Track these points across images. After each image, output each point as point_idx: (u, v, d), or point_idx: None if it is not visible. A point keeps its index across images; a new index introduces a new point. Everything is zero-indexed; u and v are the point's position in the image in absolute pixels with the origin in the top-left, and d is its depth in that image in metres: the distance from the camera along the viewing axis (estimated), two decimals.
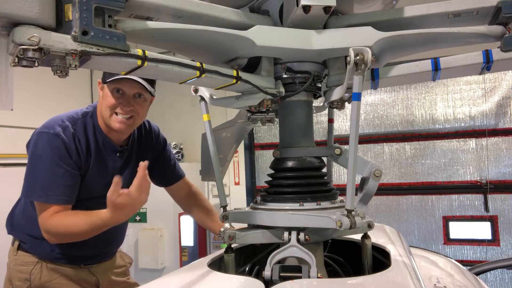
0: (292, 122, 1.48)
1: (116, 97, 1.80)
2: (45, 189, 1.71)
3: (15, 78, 4.63)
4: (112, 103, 1.80)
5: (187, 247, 5.54)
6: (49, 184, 1.71)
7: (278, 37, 1.25)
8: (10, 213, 2.03)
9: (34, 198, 1.76)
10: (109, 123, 1.83)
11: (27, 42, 0.87)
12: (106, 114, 1.82)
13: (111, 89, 1.80)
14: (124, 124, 1.83)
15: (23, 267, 1.89)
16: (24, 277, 1.87)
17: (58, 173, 1.73)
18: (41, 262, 1.89)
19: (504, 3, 1.19)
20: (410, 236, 5.23)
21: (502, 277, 4.89)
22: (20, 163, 3.99)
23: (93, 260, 2.00)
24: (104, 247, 2.04)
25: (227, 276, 1.37)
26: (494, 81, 5.03)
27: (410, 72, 1.29)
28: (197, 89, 1.56)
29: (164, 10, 1.13)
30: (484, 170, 5.03)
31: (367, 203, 1.39)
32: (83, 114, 1.88)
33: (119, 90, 1.80)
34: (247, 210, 1.48)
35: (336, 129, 5.40)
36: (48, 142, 1.73)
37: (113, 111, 1.81)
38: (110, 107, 1.80)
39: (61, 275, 1.90)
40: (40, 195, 1.72)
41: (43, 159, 1.73)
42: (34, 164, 1.76)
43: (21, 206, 1.96)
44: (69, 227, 1.71)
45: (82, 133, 1.82)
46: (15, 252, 1.93)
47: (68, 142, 1.76)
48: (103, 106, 1.83)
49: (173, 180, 2.20)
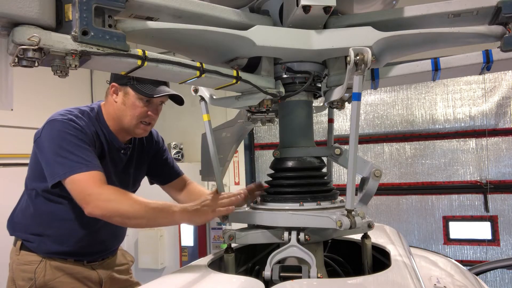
0: (292, 122, 1.48)
1: (145, 105, 1.83)
2: (83, 160, 1.63)
3: (15, 78, 4.63)
4: (141, 112, 1.83)
5: (187, 247, 5.54)
6: (85, 155, 1.65)
7: (278, 37, 1.25)
8: (10, 216, 2.02)
9: (75, 171, 1.61)
10: (132, 130, 1.87)
11: (27, 42, 0.87)
12: (132, 121, 1.84)
13: (140, 97, 1.81)
14: (146, 130, 1.90)
15: (26, 266, 1.88)
16: (28, 276, 1.87)
17: (86, 147, 1.68)
18: (45, 260, 1.88)
19: (504, 3, 1.19)
20: (410, 236, 5.23)
21: (502, 277, 4.89)
22: (20, 163, 3.99)
23: (96, 257, 2.00)
24: (107, 242, 2.04)
25: (227, 276, 1.37)
26: (494, 81, 5.03)
27: (410, 72, 1.29)
28: (197, 89, 1.56)
29: (164, 10, 1.13)
30: (484, 170, 5.03)
31: (367, 203, 1.39)
32: (90, 109, 1.90)
33: (149, 99, 1.82)
34: (247, 210, 1.48)
35: (336, 129, 5.40)
36: (64, 127, 1.70)
37: (140, 119, 1.84)
38: (138, 116, 1.83)
39: (65, 273, 1.90)
40: (81, 166, 1.61)
41: (67, 138, 1.67)
42: (60, 145, 1.66)
43: (22, 206, 1.96)
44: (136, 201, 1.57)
45: (90, 125, 1.83)
46: (18, 252, 1.93)
47: (82, 126, 1.74)
48: (129, 114, 1.83)
49: (172, 177, 2.21)
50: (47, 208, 1.86)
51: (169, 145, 5.81)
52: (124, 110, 1.84)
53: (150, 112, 1.85)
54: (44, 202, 1.86)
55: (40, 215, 1.88)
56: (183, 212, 1.54)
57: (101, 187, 1.62)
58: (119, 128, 1.89)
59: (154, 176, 2.21)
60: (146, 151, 2.10)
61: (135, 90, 1.80)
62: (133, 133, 1.90)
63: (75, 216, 1.84)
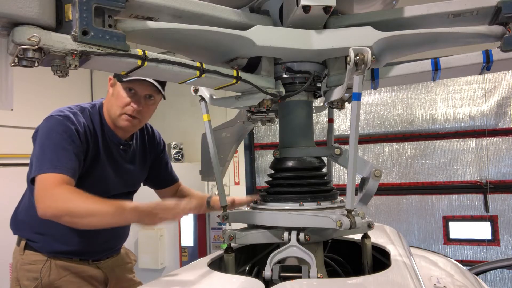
0: (292, 122, 1.48)
1: (128, 96, 1.83)
2: (54, 161, 1.66)
3: (15, 78, 4.63)
4: (123, 102, 1.83)
5: (187, 247, 5.54)
6: (59, 157, 1.67)
7: (278, 37, 1.25)
8: (13, 214, 2.02)
9: (43, 171, 1.63)
10: (117, 121, 1.87)
11: (27, 42, 0.87)
12: (116, 112, 1.85)
13: (124, 87, 1.83)
14: (130, 122, 1.87)
15: (31, 266, 1.88)
16: (33, 276, 1.86)
17: (68, 148, 1.70)
18: (50, 260, 1.88)
19: (504, 3, 1.19)
20: (410, 236, 5.23)
21: (502, 277, 4.89)
22: (20, 163, 4.00)
23: (101, 256, 2.01)
24: (112, 241, 2.04)
25: (227, 276, 1.37)
26: (494, 81, 5.03)
27: (410, 72, 1.29)
28: (197, 89, 1.56)
29: (164, 10, 1.13)
30: (484, 170, 5.03)
31: (367, 203, 1.39)
32: (91, 106, 1.92)
33: (132, 89, 1.83)
34: (247, 210, 1.48)
35: (336, 129, 5.40)
36: (58, 123, 1.74)
37: (123, 110, 1.84)
38: (121, 106, 1.84)
39: (70, 272, 1.90)
40: (49, 167, 1.64)
41: (53, 137, 1.71)
42: (44, 143, 1.72)
43: (25, 204, 1.95)
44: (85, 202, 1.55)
45: (89, 121, 1.85)
46: (22, 252, 1.92)
47: (77, 124, 1.77)
48: (114, 104, 1.86)
49: (168, 183, 2.22)
50: None
51: (169, 145, 5.81)
52: (112, 100, 1.87)
53: (132, 103, 1.83)
54: None
55: None
56: (134, 211, 1.50)
57: (58, 187, 1.59)
58: (112, 122, 1.90)
59: (151, 179, 2.20)
60: (149, 151, 2.11)
61: (118, 79, 1.83)
62: (119, 124, 1.88)
63: None
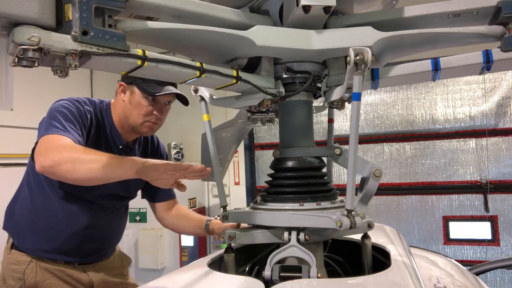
0: (292, 122, 1.48)
1: (150, 104, 1.84)
2: (61, 128, 1.64)
3: (15, 78, 4.64)
4: (146, 111, 1.84)
5: (187, 247, 5.54)
6: (66, 126, 1.66)
7: (278, 37, 1.25)
8: (7, 206, 2.00)
9: (49, 133, 1.61)
10: (139, 128, 1.88)
11: (27, 42, 0.87)
12: (138, 120, 1.86)
13: (146, 96, 1.83)
14: (151, 129, 1.90)
15: (16, 266, 1.87)
16: (17, 277, 1.85)
17: (75, 123, 1.71)
18: (34, 261, 1.86)
19: (504, 3, 1.19)
20: (410, 236, 5.23)
21: (502, 277, 4.89)
22: (20, 163, 3.99)
23: (88, 259, 1.97)
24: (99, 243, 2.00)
25: (227, 276, 1.37)
26: (494, 81, 5.03)
27: (410, 72, 1.29)
28: (197, 89, 1.56)
29: (164, 10, 1.13)
30: (484, 170, 5.03)
31: (367, 203, 1.39)
32: (99, 101, 1.93)
33: (154, 98, 1.83)
34: (247, 210, 1.48)
35: (336, 129, 5.40)
36: (67, 102, 1.75)
37: (146, 118, 1.86)
38: (144, 115, 1.85)
39: (54, 275, 1.88)
40: (56, 131, 1.61)
41: (62, 111, 1.70)
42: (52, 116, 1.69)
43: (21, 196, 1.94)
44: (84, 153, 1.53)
45: (98, 112, 1.87)
46: (9, 250, 1.92)
47: (85, 109, 1.79)
48: (134, 112, 1.85)
49: (164, 197, 2.15)
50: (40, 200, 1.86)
51: (169, 145, 5.80)
52: (131, 109, 1.86)
53: (155, 111, 1.85)
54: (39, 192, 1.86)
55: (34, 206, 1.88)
56: (135, 162, 1.42)
57: (64, 141, 1.57)
58: (125, 126, 1.90)
59: (147, 190, 2.13)
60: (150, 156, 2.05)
61: (140, 89, 1.82)
62: (140, 131, 1.91)
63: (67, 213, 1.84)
